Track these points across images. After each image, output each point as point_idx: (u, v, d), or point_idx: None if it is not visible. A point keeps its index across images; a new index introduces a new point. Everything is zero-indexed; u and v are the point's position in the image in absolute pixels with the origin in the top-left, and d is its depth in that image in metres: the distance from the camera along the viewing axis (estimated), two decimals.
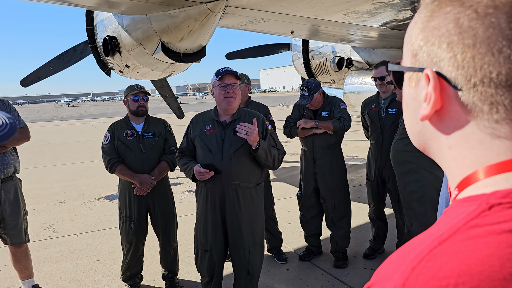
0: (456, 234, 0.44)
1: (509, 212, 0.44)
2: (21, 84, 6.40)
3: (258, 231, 2.93)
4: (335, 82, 8.20)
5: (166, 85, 6.98)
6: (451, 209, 0.51)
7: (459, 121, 0.51)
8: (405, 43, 0.58)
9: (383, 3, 4.03)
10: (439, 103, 0.51)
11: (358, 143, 11.43)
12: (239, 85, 2.95)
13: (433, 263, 0.43)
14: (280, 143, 3.00)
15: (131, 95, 3.55)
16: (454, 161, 0.54)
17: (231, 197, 2.84)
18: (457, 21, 0.48)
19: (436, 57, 0.51)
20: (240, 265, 2.91)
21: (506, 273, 0.40)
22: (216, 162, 2.81)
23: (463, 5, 0.48)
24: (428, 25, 0.52)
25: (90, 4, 4.10)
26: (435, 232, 0.47)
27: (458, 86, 0.49)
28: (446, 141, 0.54)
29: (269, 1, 3.71)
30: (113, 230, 5.04)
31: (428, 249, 0.44)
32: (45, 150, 13.33)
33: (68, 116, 37.22)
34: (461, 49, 0.48)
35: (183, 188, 7.26)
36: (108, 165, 3.48)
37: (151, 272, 3.92)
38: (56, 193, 7.33)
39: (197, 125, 3.00)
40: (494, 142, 0.49)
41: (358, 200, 5.95)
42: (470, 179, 0.51)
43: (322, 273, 3.83)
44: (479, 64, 0.47)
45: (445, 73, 0.50)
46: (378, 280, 0.47)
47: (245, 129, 2.71)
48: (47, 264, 4.23)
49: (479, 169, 0.50)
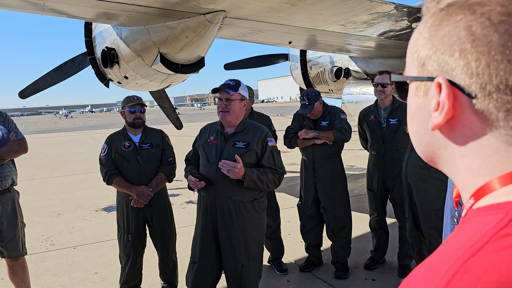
0: (488, 244, 0.43)
1: None
2: (19, 96, 6.40)
3: (253, 245, 2.86)
4: (333, 92, 8.23)
5: (164, 96, 6.99)
6: (472, 218, 0.49)
7: (472, 129, 0.50)
8: (409, 53, 0.57)
9: (381, 14, 4.06)
10: (451, 111, 0.50)
11: (357, 153, 11.43)
12: (240, 100, 2.88)
13: (469, 276, 0.41)
14: (280, 162, 2.91)
15: (128, 107, 3.55)
16: (467, 170, 0.53)
17: (222, 209, 2.82)
18: (470, 29, 0.48)
19: (447, 66, 0.50)
20: (231, 279, 2.87)
21: None
22: (211, 173, 2.81)
23: (475, 13, 0.48)
24: (437, 34, 0.52)
25: (89, 16, 4.11)
26: (464, 242, 0.45)
27: (472, 94, 0.48)
28: (459, 150, 0.53)
29: (267, 12, 3.73)
30: (111, 242, 5.00)
31: (462, 261, 0.43)
32: (43, 161, 13.29)
33: (66, 128, 37.20)
34: (475, 56, 0.47)
35: (182, 199, 7.22)
36: (106, 177, 3.46)
37: (150, 284, 3.87)
38: (54, 205, 7.28)
39: (204, 134, 3.03)
40: (511, 150, 0.48)
41: (358, 210, 5.92)
42: (488, 187, 0.50)
43: (323, 284, 3.79)
44: (494, 71, 0.46)
45: (458, 81, 0.49)
46: None
47: (226, 167, 2.68)
48: (45, 277, 4.17)
49: (495, 178, 0.49)
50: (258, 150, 2.83)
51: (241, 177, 2.70)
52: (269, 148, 2.87)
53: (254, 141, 2.84)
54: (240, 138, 2.86)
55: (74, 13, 3.83)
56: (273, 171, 2.84)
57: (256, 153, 2.83)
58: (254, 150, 2.82)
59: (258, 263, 2.93)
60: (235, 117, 2.88)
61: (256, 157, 2.84)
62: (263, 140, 2.86)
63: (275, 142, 4.29)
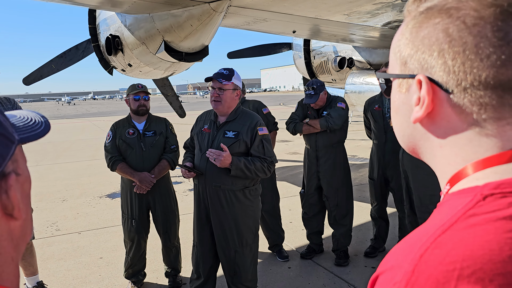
0: (457, 223, 0.49)
1: (501, 201, 0.49)
2: (23, 82, 6.43)
3: (246, 232, 2.91)
4: (336, 81, 8.23)
5: (167, 84, 7.01)
6: (447, 201, 0.55)
7: (450, 122, 0.55)
8: (392, 53, 0.63)
9: (385, 4, 4.06)
10: (431, 106, 0.56)
11: (359, 143, 11.45)
12: (233, 89, 2.89)
13: (439, 250, 0.47)
14: (270, 151, 2.92)
15: (132, 94, 3.59)
16: (445, 159, 0.58)
17: (213, 198, 2.88)
18: (447, 31, 0.53)
19: (427, 64, 0.55)
20: (226, 264, 2.95)
21: (505, 255, 0.44)
22: (202, 162, 2.87)
23: (451, 17, 0.53)
24: (418, 35, 0.57)
25: (93, 3, 4.12)
26: (437, 222, 0.51)
27: (450, 89, 0.54)
28: (438, 141, 0.58)
29: (272, 1, 3.74)
30: (116, 228, 5.08)
31: (433, 238, 0.48)
32: (47, 148, 13.37)
33: (69, 115, 37.27)
34: (452, 56, 0.52)
35: (185, 186, 7.29)
36: (110, 163, 3.53)
37: (154, 269, 3.96)
38: (59, 191, 7.37)
39: (200, 122, 3.08)
40: (482, 139, 0.54)
41: (360, 199, 5.97)
42: (461, 174, 0.56)
43: (323, 271, 3.86)
44: (469, 69, 0.51)
45: (437, 78, 0.54)
46: (388, 269, 0.51)
47: (212, 156, 2.72)
48: (51, 261, 4.26)
49: (468, 165, 0.55)
50: (247, 140, 2.85)
51: (228, 165, 2.74)
52: (258, 137, 2.87)
53: (244, 130, 2.86)
54: (231, 128, 2.88)
55: (78, 0, 3.85)
56: (262, 160, 2.84)
57: (245, 143, 2.85)
58: (243, 139, 2.84)
59: (253, 249, 2.98)
60: (227, 107, 2.90)
61: (245, 146, 2.86)
62: (253, 129, 2.87)
63: (275, 125, 4.30)
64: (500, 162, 0.53)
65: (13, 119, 0.54)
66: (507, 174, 0.52)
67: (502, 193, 0.50)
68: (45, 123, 0.56)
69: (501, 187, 0.50)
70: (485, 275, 0.43)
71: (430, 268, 0.46)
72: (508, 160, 0.52)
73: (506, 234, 0.46)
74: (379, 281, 0.51)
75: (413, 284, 0.46)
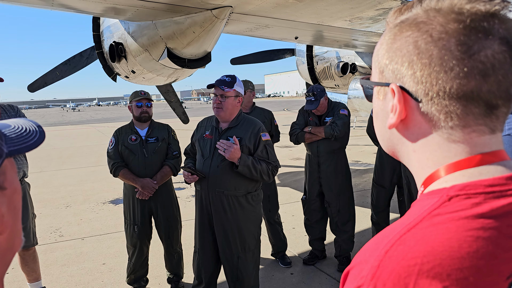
0: (422, 222, 0.52)
1: (465, 202, 0.52)
2: (28, 89, 6.48)
3: (249, 238, 2.91)
4: (339, 87, 8.23)
5: (171, 90, 7.04)
6: (418, 202, 0.58)
7: (421, 128, 0.59)
8: (373, 61, 0.66)
9: (387, 10, 4.07)
10: (403, 113, 0.59)
11: (363, 148, 11.43)
12: (235, 96, 2.90)
13: (402, 247, 0.50)
14: (273, 156, 2.94)
15: (135, 101, 3.63)
16: (418, 163, 0.62)
17: (215, 203, 2.88)
18: (416, 44, 0.56)
19: (400, 74, 0.59)
20: (228, 269, 2.95)
21: (463, 252, 0.48)
22: (205, 168, 2.87)
23: (420, 30, 0.57)
24: (392, 47, 0.60)
25: (97, 11, 4.16)
26: (405, 221, 0.55)
27: (419, 98, 0.57)
28: (411, 146, 0.62)
29: (274, 8, 3.76)
30: (119, 234, 5.09)
31: (399, 235, 0.52)
32: (51, 154, 13.44)
33: (73, 121, 37.46)
34: (420, 67, 0.56)
35: (188, 192, 7.30)
36: (112, 169, 3.55)
37: (157, 275, 3.95)
38: (62, 197, 7.40)
39: (201, 129, 3.09)
40: (451, 145, 0.58)
41: (362, 205, 5.95)
42: (433, 176, 0.59)
43: (326, 277, 3.85)
44: (434, 80, 0.55)
45: (408, 87, 0.58)
46: (357, 264, 0.54)
47: (223, 147, 2.73)
48: (54, 267, 4.27)
49: (440, 168, 0.59)
50: (250, 145, 2.86)
51: (236, 160, 2.75)
52: (262, 143, 2.89)
53: (247, 136, 2.87)
54: (233, 134, 2.88)
55: (82, 8, 3.89)
56: (267, 162, 2.87)
57: (248, 148, 2.86)
58: (247, 145, 2.85)
59: (255, 255, 2.98)
60: (229, 114, 2.91)
61: (248, 152, 2.87)
62: (256, 135, 2.88)
63: (279, 136, 4.34)
64: (469, 165, 0.56)
65: (6, 129, 0.55)
66: (475, 176, 0.55)
67: (467, 194, 0.53)
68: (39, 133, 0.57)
69: (467, 189, 0.54)
70: (443, 270, 0.47)
71: (393, 263, 0.49)
72: (476, 164, 0.56)
73: (466, 232, 0.49)
74: (349, 275, 0.54)
75: (378, 278, 0.49)
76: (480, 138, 0.56)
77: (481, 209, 0.51)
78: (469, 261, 0.47)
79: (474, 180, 0.54)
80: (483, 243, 0.48)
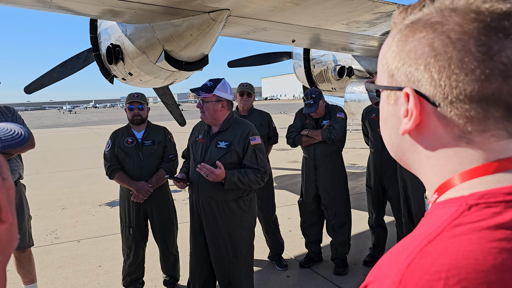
0: (443, 233, 0.49)
1: (485, 211, 0.50)
2: (25, 91, 6.47)
3: (240, 242, 2.89)
4: (336, 90, 8.25)
5: (168, 93, 7.05)
6: (433, 211, 0.56)
7: (436, 133, 0.56)
8: (380, 64, 0.63)
9: (383, 14, 4.10)
10: (419, 118, 0.56)
11: (359, 151, 11.46)
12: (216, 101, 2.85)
13: (425, 260, 0.47)
14: (263, 161, 2.88)
15: (127, 104, 3.65)
16: (432, 169, 0.59)
17: (205, 209, 2.88)
18: (432, 45, 0.54)
19: (414, 77, 0.56)
20: (220, 274, 2.94)
21: (489, 265, 0.45)
22: (196, 172, 2.85)
23: (436, 31, 0.54)
24: (404, 49, 0.57)
25: (95, 13, 4.16)
26: (423, 232, 0.52)
27: (437, 102, 0.54)
28: (425, 152, 0.59)
29: (271, 11, 3.77)
30: (115, 236, 5.07)
31: (420, 248, 0.49)
32: (48, 156, 13.39)
33: (70, 123, 37.35)
34: (438, 70, 0.53)
35: (184, 195, 7.29)
36: (108, 171, 3.56)
37: (153, 278, 3.95)
38: (58, 199, 7.37)
39: (195, 132, 3.10)
40: (468, 151, 0.55)
41: (359, 208, 5.97)
42: (448, 184, 0.56)
43: (322, 280, 3.85)
44: (454, 83, 0.52)
45: (423, 91, 0.55)
46: (375, 279, 0.52)
47: (204, 171, 2.70)
48: (50, 269, 4.26)
49: (456, 175, 0.56)
50: (239, 150, 2.83)
51: (222, 180, 2.73)
52: (251, 147, 2.84)
53: (236, 140, 2.84)
54: (223, 138, 2.87)
55: (80, 10, 3.89)
56: (255, 171, 2.82)
57: (237, 153, 2.83)
58: (235, 150, 2.82)
59: (247, 259, 2.95)
60: (212, 118, 2.88)
61: (237, 157, 2.84)
62: (245, 139, 2.85)
63: (277, 138, 4.35)
64: (486, 173, 0.53)
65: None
66: (492, 184, 0.53)
67: (487, 203, 0.50)
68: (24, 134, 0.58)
69: (486, 197, 0.51)
70: (470, 284, 0.44)
71: (416, 278, 0.46)
72: (494, 171, 0.53)
73: (490, 243, 0.47)
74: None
75: None
76: (498, 143, 0.54)
77: (502, 218, 0.49)
78: (495, 274, 0.45)
79: (492, 188, 0.52)
80: (508, 255, 0.46)
